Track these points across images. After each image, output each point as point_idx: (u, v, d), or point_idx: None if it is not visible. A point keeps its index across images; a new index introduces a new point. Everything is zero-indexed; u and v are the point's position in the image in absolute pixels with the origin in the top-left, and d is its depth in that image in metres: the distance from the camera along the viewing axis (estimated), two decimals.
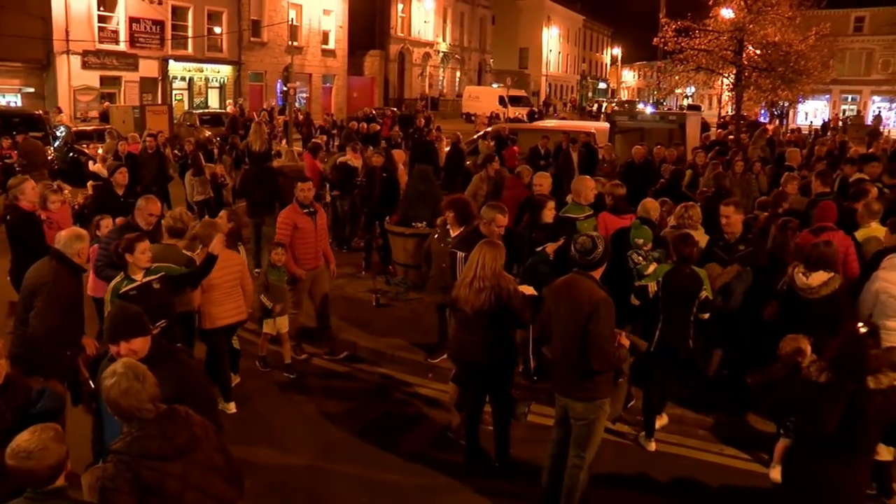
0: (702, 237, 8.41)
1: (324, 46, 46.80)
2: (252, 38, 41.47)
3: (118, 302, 5.44)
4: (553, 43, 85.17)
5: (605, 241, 5.71)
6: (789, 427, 5.47)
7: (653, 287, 7.11)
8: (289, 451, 7.14)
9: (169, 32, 36.88)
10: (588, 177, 9.77)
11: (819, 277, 6.65)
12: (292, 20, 41.52)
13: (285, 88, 34.68)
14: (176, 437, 3.66)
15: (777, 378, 5.54)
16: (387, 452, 7.13)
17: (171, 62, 37.27)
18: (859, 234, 8.21)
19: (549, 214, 8.56)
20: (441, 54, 63.14)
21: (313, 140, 20.14)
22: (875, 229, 8.23)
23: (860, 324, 5.19)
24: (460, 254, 7.20)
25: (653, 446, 7.32)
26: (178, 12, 37.46)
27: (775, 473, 5.29)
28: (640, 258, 7.83)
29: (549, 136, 18.93)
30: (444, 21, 64.00)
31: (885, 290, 6.71)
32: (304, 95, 45.22)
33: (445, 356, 8.66)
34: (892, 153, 20.23)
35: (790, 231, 8.02)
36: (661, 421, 7.64)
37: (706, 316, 7.09)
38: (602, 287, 5.62)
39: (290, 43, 35.43)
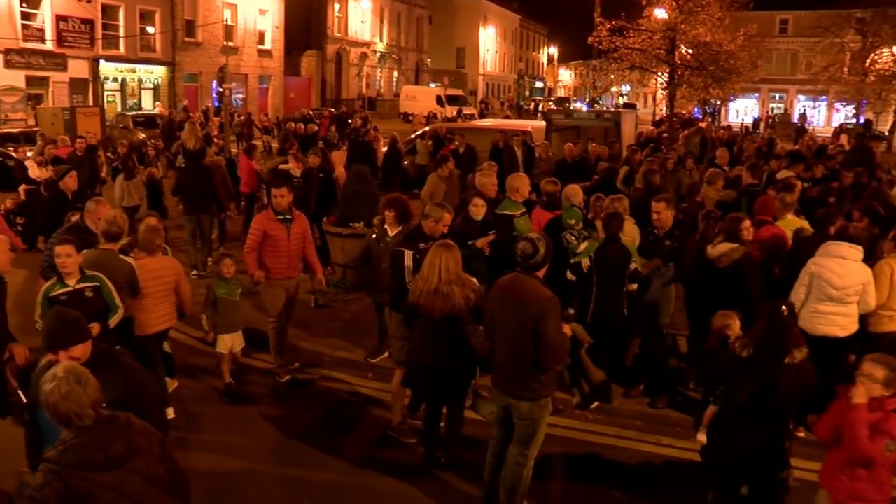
0: (631, 228, 8.62)
1: (260, 47, 46.29)
2: (186, 39, 40.78)
3: (56, 308, 5.28)
4: (490, 42, 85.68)
5: (546, 243, 5.74)
6: (717, 395, 5.90)
7: (586, 263, 7.77)
8: (229, 456, 7.05)
9: (99, 32, 35.93)
10: (523, 174, 9.86)
11: (722, 248, 7.40)
12: (227, 20, 40.96)
13: (221, 89, 34.20)
14: (111, 446, 3.53)
15: (708, 351, 6.15)
16: (328, 454, 7.08)
17: (103, 62, 36.34)
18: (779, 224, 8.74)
19: (476, 211, 8.58)
20: (378, 54, 62.99)
21: (250, 141, 19.95)
22: (791, 221, 8.79)
23: (783, 306, 5.50)
24: (408, 252, 7.17)
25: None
26: (108, 11, 36.54)
27: (701, 436, 5.71)
28: (573, 238, 8.43)
29: (505, 132, 19.04)
30: (381, 21, 63.85)
31: (820, 274, 7.19)
32: (241, 96, 44.66)
33: (386, 355, 8.66)
34: (817, 150, 20.86)
35: (712, 221, 8.52)
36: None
37: (634, 287, 7.67)
38: (547, 286, 5.69)
39: (225, 43, 34.89)
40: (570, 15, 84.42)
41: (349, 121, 32.76)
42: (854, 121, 44.39)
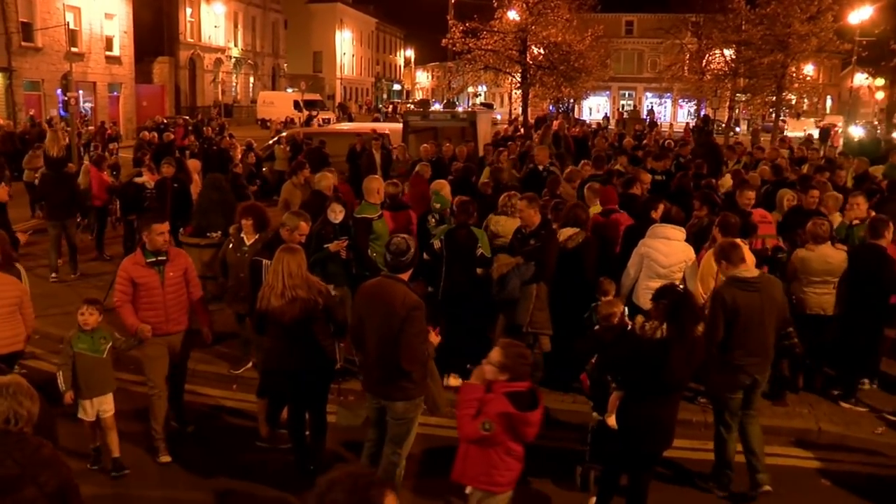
0: (513, 224, 8.81)
1: (108, 53, 44.15)
2: (24, 43, 38.36)
3: None
4: (347, 46, 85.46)
5: (416, 244, 5.95)
6: (619, 381, 5.99)
7: (437, 244, 8.48)
8: (87, 479, 6.79)
9: None
10: (377, 177, 9.97)
11: (567, 232, 8.06)
12: (69, 24, 39.03)
13: (66, 98, 32.58)
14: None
15: (607, 340, 6.39)
16: (192, 472, 6.93)
17: None
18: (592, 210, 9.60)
19: (335, 215, 8.64)
20: (233, 60, 61.60)
21: (100, 152, 19.18)
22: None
23: (679, 285, 6.16)
24: (266, 260, 7.10)
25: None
26: None
27: (612, 421, 5.81)
28: (433, 220, 9.20)
29: (362, 136, 19.05)
30: (236, 26, 62.49)
31: (649, 255, 7.94)
32: (90, 105, 42.68)
33: (250, 365, 8.58)
34: (661, 144, 22.19)
35: (558, 211, 8.95)
36: (455, 381, 8.27)
37: (481, 271, 8.32)
38: (413, 290, 5.87)
39: (69, 49, 33.13)
40: (425, 17, 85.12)
41: (202, 129, 31.94)
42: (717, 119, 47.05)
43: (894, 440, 7.84)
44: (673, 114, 72.05)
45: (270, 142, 22.33)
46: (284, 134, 22.49)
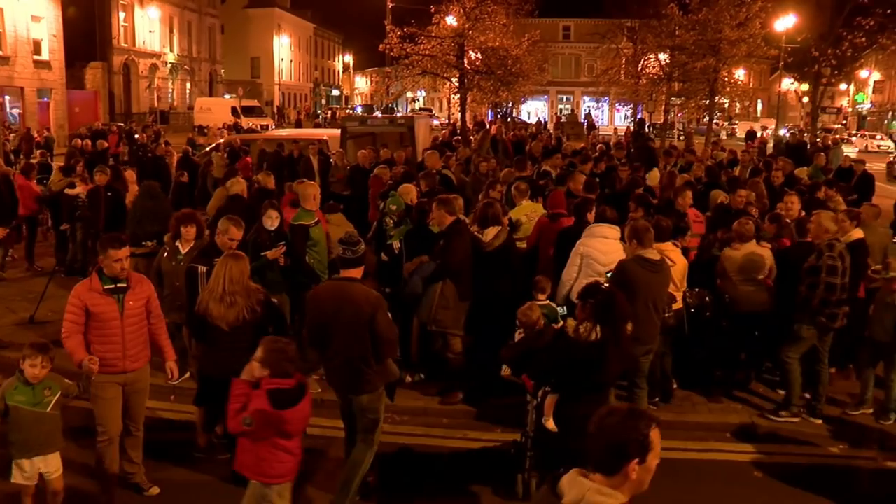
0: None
1: (36, 57, 42.90)
2: None
3: None
4: (284, 51, 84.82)
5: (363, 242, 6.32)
6: (553, 385, 6.05)
7: (396, 245, 8.68)
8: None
9: None
10: (313, 183, 9.93)
11: (491, 232, 8.23)
12: None
13: None
14: None
15: (538, 346, 6.40)
16: (127, 488, 6.67)
17: None
18: (512, 212, 9.93)
19: (270, 222, 8.59)
20: (169, 65, 60.65)
21: (28, 159, 18.74)
22: (525, 206, 10.17)
23: (604, 283, 6.29)
24: (202, 268, 7.03)
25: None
26: None
27: (550, 424, 5.85)
28: (391, 222, 9.30)
29: (298, 142, 18.95)
30: (171, 30, 61.53)
31: (589, 254, 8.05)
32: (18, 111, 41.52)
33: (188, 375, 8.46)
34: (605, 145, 22.78)
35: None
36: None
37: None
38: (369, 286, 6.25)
39: None
40: (363, 23, 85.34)
41: (136, 136, 31.38)
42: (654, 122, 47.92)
43: (823, 430, 8.11)
44: (610, 117, 73.30)
45: (208, 148, 22.04)
46: (222, 140, 22.24)
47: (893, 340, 7.98)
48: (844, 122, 74.83)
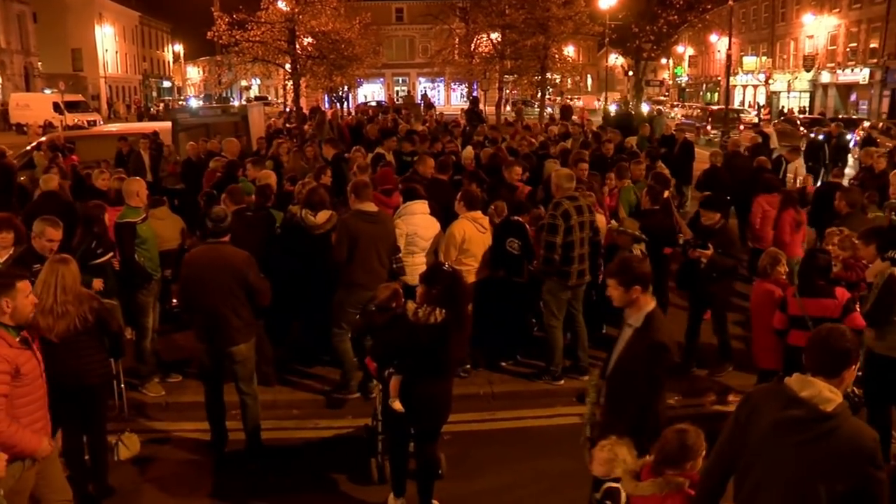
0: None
1: None
2: None
3: None
4: (109, 42, 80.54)
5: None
6: (398, 366, 6.01)
7: None
8: None
9: None
10: (138, 178, 9.49)
11: (323, 216, 8.43)
12: None
13: None
14: None
15: (378, 324, 6.42)
16: None
17: None
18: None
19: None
20: None
21: None
22: None
23: (446, 264, 6.49)
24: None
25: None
26: None
27: (397, 405, 5.85)
28: None
29: (128, 137, 18.10)
30: None
31: (413, 231, 8.50)
32: None
33: None
34: (444, 125, 23.20)
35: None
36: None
37: None
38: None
39: None
40: (191, 10, 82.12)
41: None
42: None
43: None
44: (446, 97, 74.22)
45: (28, 147, 20.71)
46: (45, 139, 20.97)
47: None
48: (667, 94, 79.18)
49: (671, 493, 4.13)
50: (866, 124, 33.77)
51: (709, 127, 38.84)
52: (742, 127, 37.11)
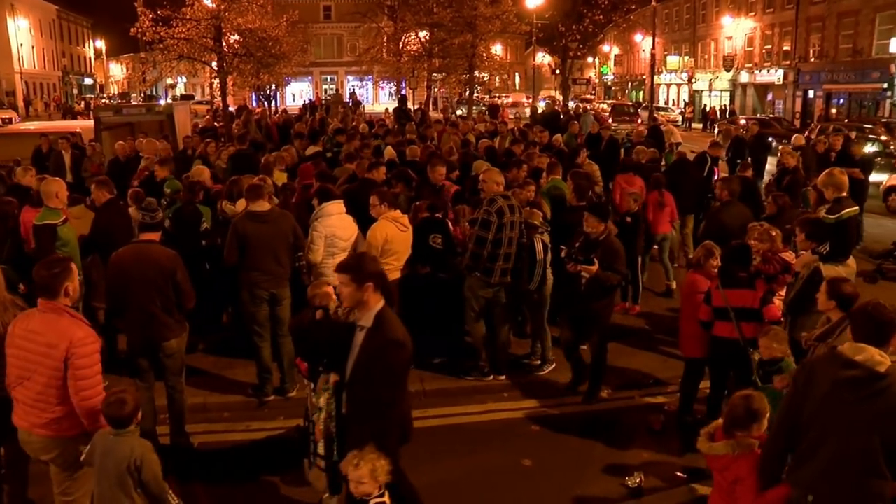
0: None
1: None
2: None
3: None
4: (24, 36, 77.65)
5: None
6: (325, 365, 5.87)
7: (167, 223, 8.70)
8: None
9: None
10: (57, 179, 9.21)
11: (242, 204, 8.63)
12: None
13: None
14: None
15: (306, 324, 6.11)
16: None
17: None
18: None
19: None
20: None
21: None
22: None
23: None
24: None
25: None
26: None
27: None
28: (165, 203, 9.67)
29: (48, 136, 17.56)
30: None
31: (331, 233, 8.30)
32: None
33: None
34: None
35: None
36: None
37: (205, 242, 9.28)
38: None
39: None
40: (114, 5, 79.49)
41: None
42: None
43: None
44: (375, 95, 74.02)
45: None
46: None
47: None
48: (594, 92, 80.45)
49: (743, 452, 4.63)
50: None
51: (610, 120, 39.34)
52: (640, 121, 38.58)
